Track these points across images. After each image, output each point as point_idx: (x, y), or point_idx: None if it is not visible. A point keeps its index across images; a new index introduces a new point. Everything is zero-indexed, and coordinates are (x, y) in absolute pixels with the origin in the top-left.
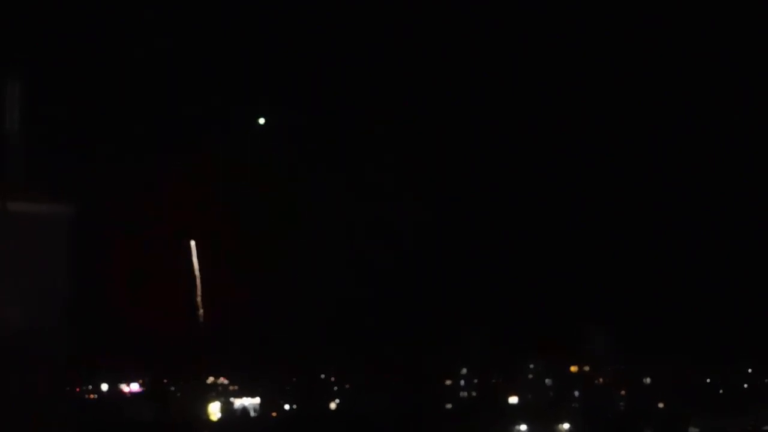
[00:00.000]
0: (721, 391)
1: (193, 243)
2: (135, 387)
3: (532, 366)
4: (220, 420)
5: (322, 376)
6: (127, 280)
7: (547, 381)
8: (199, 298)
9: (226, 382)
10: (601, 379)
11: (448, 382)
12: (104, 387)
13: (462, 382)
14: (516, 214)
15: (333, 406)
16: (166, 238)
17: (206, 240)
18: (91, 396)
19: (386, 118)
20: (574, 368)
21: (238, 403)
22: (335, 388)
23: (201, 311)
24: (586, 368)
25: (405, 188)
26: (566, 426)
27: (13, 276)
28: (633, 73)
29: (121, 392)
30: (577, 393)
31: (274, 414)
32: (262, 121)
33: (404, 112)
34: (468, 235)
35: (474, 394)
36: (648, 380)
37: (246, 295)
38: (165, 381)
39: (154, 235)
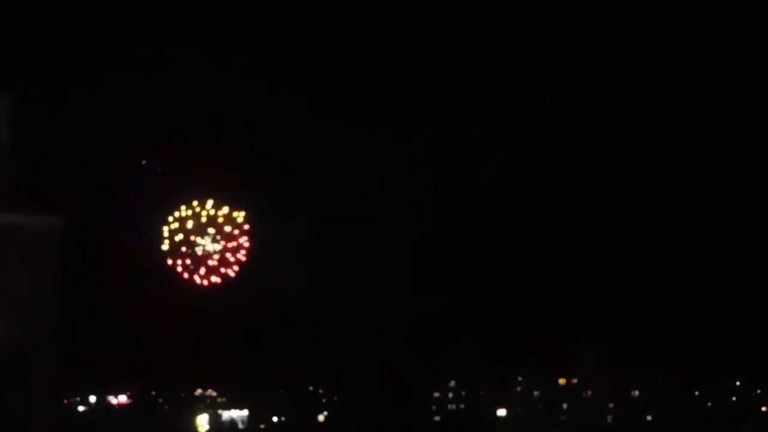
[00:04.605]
0: (709, 404)
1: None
2: (123, 399)
3: (520, 378)
4: None
5: (311, 388)
6: (118, 289)
7: (536, 393)
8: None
9: (214, 393)
10: (589, 392)
11: (437, 395)
12: (92, 399)
13: (450, 395)
14: (507, 229)
15: (321, 418)
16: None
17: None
18: (85, 408)
19: (384, 120)
20: (562, 381)
21: (227, 415)
22: (323, 400)
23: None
24: (575, 381)
25: (397, 204)
26: None
27: (2, 289)
28: (633, 74)
29: (109, 404)
30: (565, 405)
31: (262, 426)
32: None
33: (401, 115)
34: (459, 248)
35: (462, 406)
36: (636, 393)
37: (237, 304)
38: (153, 393)
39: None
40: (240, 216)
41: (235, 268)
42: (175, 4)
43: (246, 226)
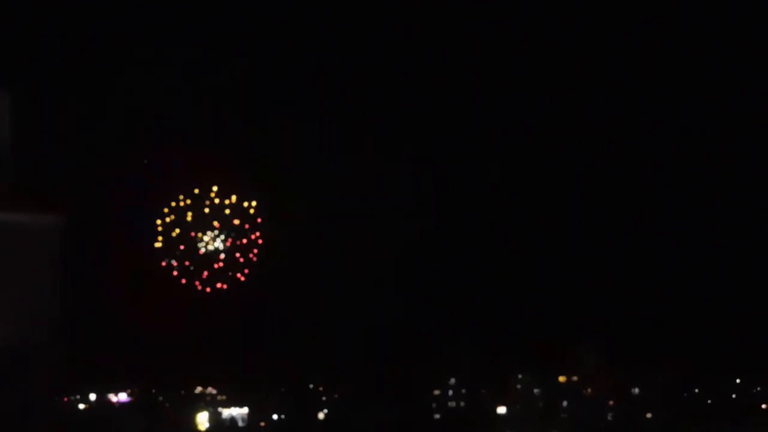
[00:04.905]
0: (709, 402)
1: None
2: (123, 397)
3: (520, 376)
4: (208, 430)
5: (311, 386)
6: (119, 289)
7: (536, 391)
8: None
9: (214, 391)
10: (589, 390)
11: (437, 392)
12: (92, 397)
13: (450, 392)
14: (507, 227)
15: (321, 416)
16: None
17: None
18: (86, 406)
19: (383, 121)
20: (562, 378)
21: (227, 413)
22: (324, 398)
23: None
24: (575, 378)
25: (397, 203)
26: None
27: (2, 288)
28: (633, 74)
29: (110, 402)
30: (565, 403)
31: (262, 424)
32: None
33: (402, 114)
34: (459, 246)
35: (462, 404)
36: (636, 390)
37: (237, 303)
38: (153, 391)
39: (148, 241)
40: (251, 206)
41: (246, 270)
42: (175, 4)
43: (258, 220)
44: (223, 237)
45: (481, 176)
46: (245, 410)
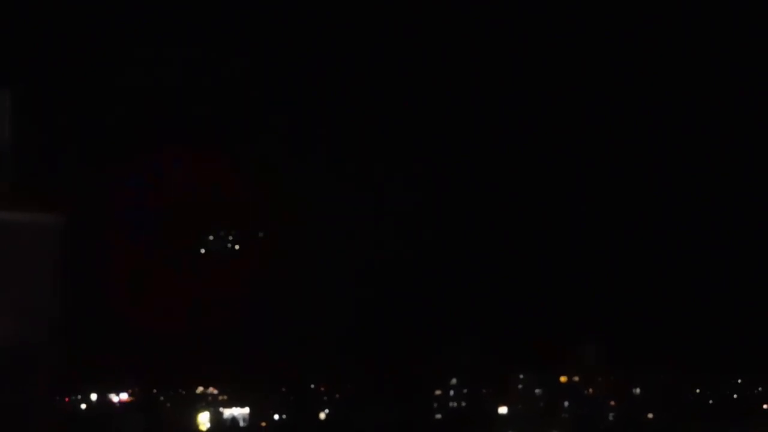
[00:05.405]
0: (710, 402)
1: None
2: (124, 397)
3: (521, 376)
4: (209, 430)
5: (311, 386)
6: (119, 289)
7: (537, 391)
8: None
9: (215, 391)
10: (591, 390)
11: (438, 392)
12: (93, 397)
13: (452, 392)
14: (508, 227)
15: (322, 416)
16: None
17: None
18: (87, 406)
19: (383, 123)
20: (563, 378)
21: (228, 413)
22: (324, 398)
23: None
24: (576, 378)
25: (397, 203)
26: None
27: (2, 288)
28: (633, 74)
29: (111, 402)
30: (567, 403)
31: (263, 424)
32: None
33: (402, 116)
34: (460, 247)
35: (464, 404)
36: (638, 391)
37: (238, 304)
38: (155, 391)
39: (147, 242)
40: (252, 208)
41: (250, 271)
42: (175, 4)
43: (259, 220)
44: (224, 237)
45: (481, 176)
46: (246, 410)
